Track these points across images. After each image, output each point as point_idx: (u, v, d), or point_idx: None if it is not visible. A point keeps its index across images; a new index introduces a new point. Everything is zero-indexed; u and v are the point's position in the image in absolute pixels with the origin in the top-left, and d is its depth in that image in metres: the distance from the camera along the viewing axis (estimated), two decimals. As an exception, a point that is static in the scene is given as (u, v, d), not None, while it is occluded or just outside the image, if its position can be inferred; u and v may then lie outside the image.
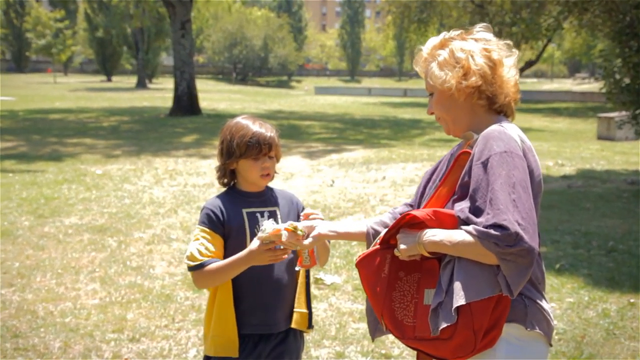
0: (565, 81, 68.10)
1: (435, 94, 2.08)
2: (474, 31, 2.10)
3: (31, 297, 5.21)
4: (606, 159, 13.62)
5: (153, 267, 6.06)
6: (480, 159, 1.92)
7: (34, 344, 4.33)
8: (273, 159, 2.52)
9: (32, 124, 20.72)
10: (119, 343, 4.37)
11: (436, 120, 2.13)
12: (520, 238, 1.79)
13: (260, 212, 2.51)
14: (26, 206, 8.53)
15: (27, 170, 11.47)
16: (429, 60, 2.10)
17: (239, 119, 2.54)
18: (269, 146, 2.46)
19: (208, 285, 2.49)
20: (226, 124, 2.54)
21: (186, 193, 9.58)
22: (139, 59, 52.69)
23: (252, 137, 2.44)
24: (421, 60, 2.13)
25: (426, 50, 2.11)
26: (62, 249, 6.62)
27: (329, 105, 34.04)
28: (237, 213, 2.49)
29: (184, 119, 22.05)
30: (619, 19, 9.68)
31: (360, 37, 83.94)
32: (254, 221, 2.49)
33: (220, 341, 2.47)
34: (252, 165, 2.47)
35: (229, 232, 2.47)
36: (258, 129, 2.47)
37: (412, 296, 1.97)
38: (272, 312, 2.50)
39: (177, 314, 4.89)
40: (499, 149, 1.90)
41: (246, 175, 2.51)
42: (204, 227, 2.46)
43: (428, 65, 2.09)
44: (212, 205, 2.50)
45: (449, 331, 1.86)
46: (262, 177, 2.50)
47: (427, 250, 1.92)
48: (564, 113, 30.03)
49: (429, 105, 2.13)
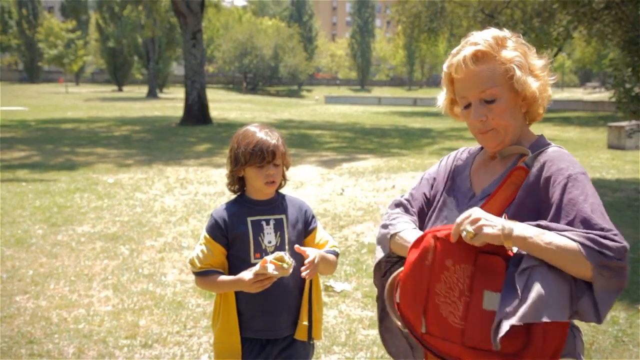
0: (576, 90, 67.95)
1: (502, 100, 1.81)
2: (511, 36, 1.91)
3: (45, 304, 5.28)
4: (616, 168, 13.59)
5: (165, 274, 6.12)
6: (560, 180, 1.74)
7: (48, 349, 4.39)
8: (279, 167, 2.55)
9: (45, 133, 20.91)
10: (131, 349, 4.42)
11: (480, 133, 1.87)
12: (626, 255, 1.61)
13: (265, 220, 2.55)
14: (39, 215, 8.63)
15: (40, 179, 11.60)
16: (502, 61, 1.82)
17: (247, 127, 2.59)
18: (272, 154, 2.50)
19: (207, 290, 2.58)
20: (236, 132, 2.61)
21: (197, 202, 9.66)
22: (150, 68, 53.11)
23: (256, 145, 2.49)
24: (486, 58, 1.82)
25: (490, 47, 1.83)
26: (75, 256, 6.70)
27: (339, 115, 34.13)
28: (241, 221, 2.54)
29: (195, 129, 22.19)
30: (629, 29, 9.70)
31: (370, 47, 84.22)
32: (258, 229, 2.53)
33: (223, 347, 2.55)
34: (257, 173, 2.51)
35: (233, 240, 2.53)
36: (263, 137, 2.51)
37: (461, 292, 1.69)
38: (276, 318, 2.54)
39: (189, 321, 4.94)
40: (577, 169, 1.77)
41: (252, 182, 2.56)
42: (207, 234, 2.55)
43: (500, 66, 1.81)
44: (217, 214, 2.57)
45: (515, 347, 1.63)
46: (267, 185, 2.53)
47: (512, 244, 1.65)
48: (575, 122, 29.96)
49: (478, 112, 1.82)
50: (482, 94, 1.80)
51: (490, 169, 1.93)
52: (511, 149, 1.88)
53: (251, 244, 2.52)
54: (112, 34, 56.06)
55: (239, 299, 2.53)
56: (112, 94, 54.22)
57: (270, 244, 2.54)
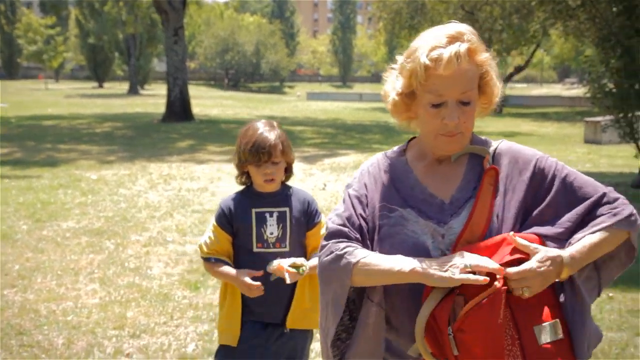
0: (555, 86, 68.72)
1: (474, 103, 1.69)
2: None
3: (33, 297, 5.38)
4: (592, 162, 13.90)
5: (150, 268, 6.24)
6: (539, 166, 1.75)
7: (38, 340, 4.50)
8: (278, 164, 2.63)
9: (26, 130, 20.82)
10: (120, 339, 4.55)
11: (447, 135, 1.70)
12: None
13: (269, 212, 2.67)
14: (23, 211, 8.69)
15: (23, 175, 11.62)
16: (478, 62, 1.69)
17: (251, 123, 2.71)
18: (268, 154, 2.58)
19: (211, 275, 2.81)
20: (243, 127, 2.74)
21: (181, 197, 9.76)
22: (130, 65, 52.82)
23: (253, 145, 2.59)
24: (474, 56, 1.68)
25: (478, 45, 1.70)
26: (61, 251, 6.79)
27: (321, 111, 34.27)
28: (246, 212, 2.67)
29: (177, 125, 22.21)
30: (602, 26, 9.96)
31: (351, 43, 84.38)
32: (261, 221, 2.66)
33: (224, 329, 2.74)
34: (256, 171, 2.63)
35: (237, 229, 2.68)
36: (261, 135, 2.60)
37: (512, 338, 1.59)
38: (278, 304, 2.69)
39: (175, 312, 5.07)
40: (538, 152, 1.79)
41: (254, 178, 2.68)
42: (215, 222, 2.72)
43: (476, 67, 1.69)
44: (224, 204, 2.73)
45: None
46: (266, 182, 2.65)
47: (572, 271, 1.65)
48: (553, 117, 30.38)
49: (455, 113, 1.66)
50: (463, 94, 1.65)
51: (446, 173, 1.77)
52: (479, 149, 1.78)
53: (254, 234, 2.65)
54: (92, 30, 55.64)
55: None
56: (92, 91, 53.83)
57: (272, 235, 2.65)
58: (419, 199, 1.75)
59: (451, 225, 1.70)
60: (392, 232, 1.73)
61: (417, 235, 1.70)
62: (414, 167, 1.81)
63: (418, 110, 1.72)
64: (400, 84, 1.73)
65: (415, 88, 1.69)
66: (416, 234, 1.71)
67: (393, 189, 1.79)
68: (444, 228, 1.70)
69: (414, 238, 1.70)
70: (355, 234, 1.75)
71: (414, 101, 1.72)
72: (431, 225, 1.70)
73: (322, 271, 1.76)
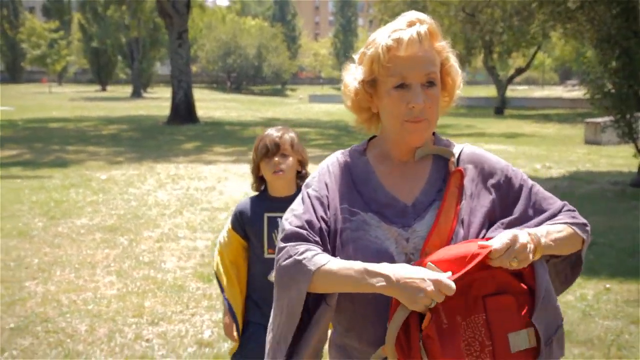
0: (556, 88, 68.87)
1: (437, 88, 1.64)
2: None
3: (54, 289, 5.62)
4: (592, 162, 14.12)
5: (164, 261, 6.48)
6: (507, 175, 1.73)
7: (62, 327, 4.74)
8: (287, 157, 2.68)
9: (33, 132, 21.09)
10: (139, 326, 4.79)
11: (412, 122, 1.62)
12: None
13: (282, 217, 2.76)
14: (37, 209, 8.93)
15: (34, 176, 11.87)
16: (438, 48, 1.66)
17: (265, 129, 2.82)
18: (276, 146, 2.66)
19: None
20: None
21: (189, 196, 10.00)
22: (134, 68, 53.13)
23: (262, 141, 2.70)
24: (432, 39, 1.65)
25: (437, 28, 1.66)
26: (77, 246, 7.03)
27: (323, 113, 34.52)
28: (258, 216, 2.72)
29: (182, 127, 22.47)
30: (600, 28, 10.19)
31: (353, 46, 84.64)
32: (273, 226, 2.67)
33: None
34: (266, 165, 2.69)
35: (250, 233, 2.74)
36: (270, 133, 2.71)
37: (482, 345, 1.52)
38: None
39: (191, 302, 5.31)
40: (500, 160, 1.78)
41: (266, 176, 2.73)
42: (230, 224, 2.80)
43: (436, 48, 1.65)
44: (238, 207, 2.81)
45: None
46: (275, 175, 2.68)
47: (544, 250, 1.61)
48: (554, 119, 30.58)
49: (418, 96, 1.60)
50: (427, 76, 1.60)
51: (409, 175, 1.71)
52: (427, 149, 1.71)
53: (265, 239, 2.69)
54: (95, 34, 55.98)
55: (250, 285, 2.78)
56: (96, 94, 54.16)
57: None
58: (381, 203, 1.68)
59: (415, 229, 1.64)
60: (354, 237, 1.65)
61: (380, 241, 1.63)
62: (376, 168, 1.73)
63: (380, 100, 1.65)
64: (361, 72, 1.67)
65: (378, 73, 1.62)
66: (379, 239, 1.63)
67: (355, 191, 1.70)
68: (408, 232, 1.64)
69: (377, 244, 1.63)
70: (315, 237, 1.65)
71: (376, 90, 1.65)
72: (394, 229, 1.64)
73: (280, 276, 1.64)
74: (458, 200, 1.65)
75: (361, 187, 1.70)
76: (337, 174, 1.74)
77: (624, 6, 9.85)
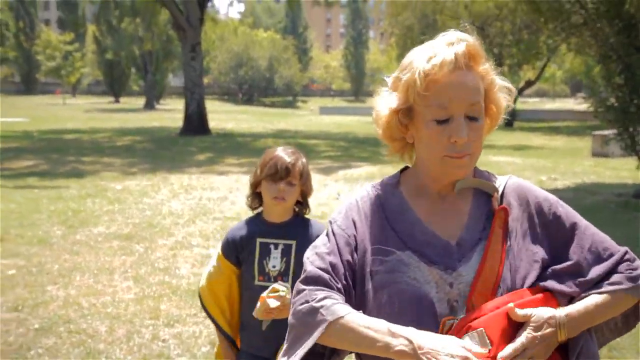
0: (567, 100, 68.97)
1: (481, 120, 1.47)
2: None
3: (74, 293, 5.92)
4: (597, 174, 14.32)
5: (179, 268, 6.77)
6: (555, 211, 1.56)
7: (83, 328, 5.03)
8: (293, 187, 2.54)
9: (48, 144, 21.53)
10: (156, 327, 5.07)
11: (455, 157, 1.46)
12: None
13: (274, 244, 2.57)
14: (56, 218, 9.26)
15: (51, 186, 12.23)
16: (482, 72, 1.48)
17: (275, 147, 2.66)
18: (286, 170, 2.51)
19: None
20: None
21: (202, 205, 10.31)
22: (147, 80, 53.88)
23: (272, 159, 2.54)
24: (475, 61, 1.47)
25: (480, 48, 1.49)
26: (95, 253, 7.34)
27: (334, 125, 34.87)
28: (250, 241, 2.59)
29: (195, 139, 22.86)
30: (604, 43, 10.45)
31: (364, 58, 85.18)
32: (265, 252, 2.57)
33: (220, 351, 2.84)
34: (269, 187, 2.54)
35: (242, 259, 2.61)
36: (281, 155, 2.55)
37: None
38: (269, 341, 2.57)
39: (204, 305, 5.58)
40: (548, 195, 1.60)
41: (264, 197, 2.58)
42: (220, 251, 2.66)
43: (479, 72, 1.48)
44: (230, 233, 2.66)
45: None
46: (276, 200, 2.53)
47: (570, 334, 1.45)
48: (564, 131, 30.76)
49: (462, 130, 1.43)
50: (471, 108, 1.43)
51: (450, 210, 1.54)
52: (469, 181, 1.55)
53: (255, 266, 2.57)
54: (109, 46, 56.82)
55: (242, 317, 2.67)
56: (109, 105, 54.90)
57: (274, 268, 2.55)
58: (420, 240, 1.50)
59: (460, 272, 1.46)
60: (388, 280, 1.47)
61: (419, 284, 1.45)
62: (412, 202, 1.56)
63: (417, 130, 1.48)
64: (395, 100, 1.49)
65: (414, 102, 1.45)
66: (418, 282, 1.46)
67: (388, 228, 1.53)
68: (452, 275, 1.46)
69: (414, 287, 1.45)
70: (337, 283, 1.48)
71: (412, 120, 1.49)
72: (436, 271, 1.46)
73: (294, 322, 1.48)
74: (503, 242, 1.49)
75: (396, 224, 1.53)
76: (368, 210, 1.57)
77: (626, 22, 10.11)
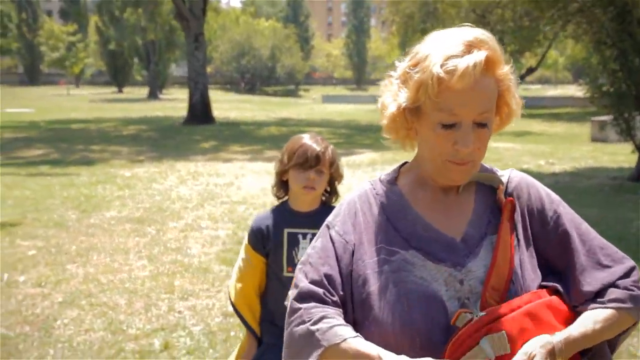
0: (569, 87, 69.01)
1: (488, 128, 1.41)
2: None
3: (93, 270, 6.28)
4: (595, 159, 14.64)
5: (190, 248, 7.13)
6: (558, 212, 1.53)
7: (104, 301, 5.40)
8: (322, 174, 2.48)
9: (55, 133, 21.89)
10: (171, 301, 5.43)
11: (457, 164, 1.41)
12: None
13: (302, 234, 2.50)
14: (69, 203, 9.62)
15: (63, 173, 12.59)
16: (499, 76, 1.41)
17: (301, 134, 2.59)
18: (316, 158, 2.44)
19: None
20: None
21: (209, 191, 10.66)
22: (150, 70, 54.14)
23: (301, 147, 2.46)
24: (493, 68, 1.39)
25: (499, 54, 1.40)
26: (109, 235, 7.70)
27: (336, 113, 35.16)
28: (278, 231, 2.52)
29: (199, 127, 23.21)
30: (597, 30, 10.74)
31: (365, 46, 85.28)
32: (294, 242, 2.50)
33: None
34: (297, 175, 2.46)
35: (270, 249, 2.53)
36: (309, 142, 2.48)
37: None
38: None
39: (216, 281, 5.94)
40: (551, 192, 1.57)
41: (292, 186, 2.51)
42: (247, 242, 2.58)
43: (497, 77, 1.40)
44: (256, 223, 2.58)
45: None
46: (306, 190, 2.47)
47: (566, 356, 1.38)
48: (564, 118, 31.00)
49: (468, 139, 1.38)
50: (480, 115, 1.37)
51: (452, 206, 1.50)
52: (492, 178, 1.53)
53: (284, 257, 2.50)
54: (112, 37, 57.06)
55: (264, 307, 2.59)
56: (113, 96, 55.21)
57: None
58: (423, 238, 1.45)
59: (470, 269, 1.41)
60: (395, 281, 1.41)
61: (427, 283, 1.40)
62: (412, 199, 1.51)
63: (422, 129, 1.43)
64: (405, 97, 1.42)
65: (423, 103, 1.39)
66: (425, 281, 1.40)
67: (390, 227, 1.47)
68: (462, 272, 1.41)
69: (422, 286, 1.39)
70: (332, 296, 1.42)
71: (419, 119, 1.43)
72: (444, 269, 1.41)
73: (289, 343, 1.44)
74: (511, 235, 1.45)
75: (397, 223, 1.48)
76: (366, 210, 1.52)
77: (620, 9, 10.38)
